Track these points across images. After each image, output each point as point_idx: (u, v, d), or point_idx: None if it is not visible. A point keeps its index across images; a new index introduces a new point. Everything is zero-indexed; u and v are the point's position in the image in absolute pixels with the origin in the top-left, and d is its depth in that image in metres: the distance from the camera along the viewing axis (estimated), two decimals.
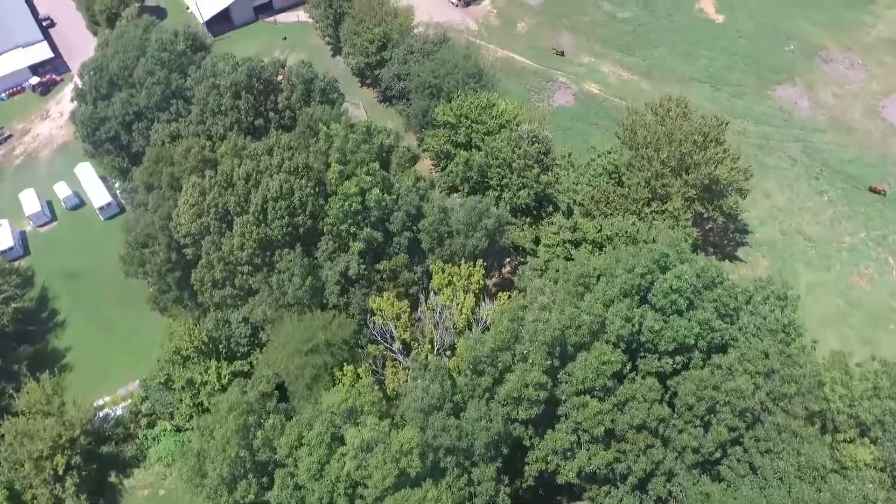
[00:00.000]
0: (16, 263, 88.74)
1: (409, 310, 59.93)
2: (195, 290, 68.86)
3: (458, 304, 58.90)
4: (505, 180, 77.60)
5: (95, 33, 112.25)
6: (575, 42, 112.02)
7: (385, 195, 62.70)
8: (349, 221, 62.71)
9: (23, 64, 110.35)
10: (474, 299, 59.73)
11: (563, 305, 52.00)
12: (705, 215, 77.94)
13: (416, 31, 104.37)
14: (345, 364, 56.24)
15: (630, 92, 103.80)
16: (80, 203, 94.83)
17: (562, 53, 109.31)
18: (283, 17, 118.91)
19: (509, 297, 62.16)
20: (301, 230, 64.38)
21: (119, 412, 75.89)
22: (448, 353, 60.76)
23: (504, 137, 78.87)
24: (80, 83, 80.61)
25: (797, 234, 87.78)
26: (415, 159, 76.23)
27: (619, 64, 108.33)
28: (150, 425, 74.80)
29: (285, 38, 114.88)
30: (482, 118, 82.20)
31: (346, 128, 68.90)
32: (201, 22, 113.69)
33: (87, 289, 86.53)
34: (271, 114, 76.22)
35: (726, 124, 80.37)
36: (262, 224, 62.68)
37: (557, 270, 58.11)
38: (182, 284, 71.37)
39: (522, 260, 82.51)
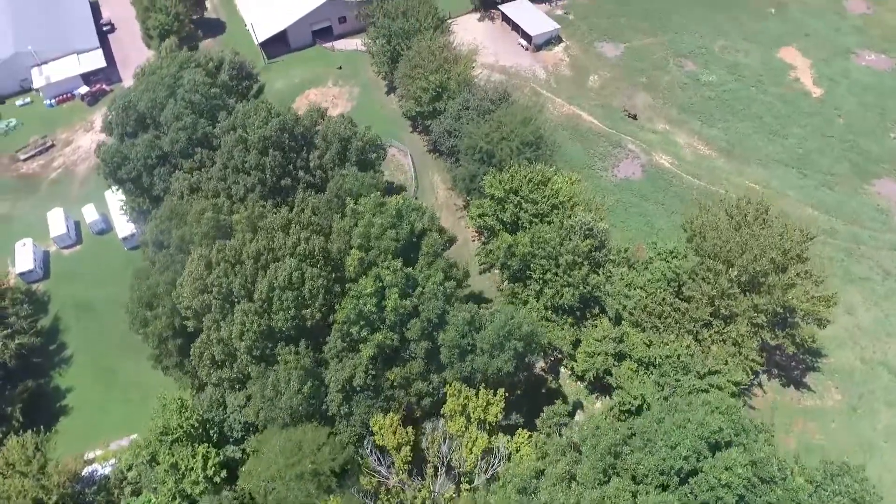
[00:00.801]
0: (34, 286, 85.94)
1: (411, 440, 52.57)
2: (194, 364, 63.44)
3: (468, 441, 51.24)
4: (549, 275, 69.33)
5: (150, 46, 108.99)
6: (651, 104, 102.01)
7: (405, 301, 55.36)
8: (361, 323, 55.76)
9: (76, 71, 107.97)
10: (487, 437, 51.87)
11: (586, 479, 43.72)
12: (774, 344, 67.75)
13: (477, 77, 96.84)
14: (331, 496, 49.47)
15: (705, 169, 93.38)
16: (106, 228, 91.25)
17: (634, 116, 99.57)
18: (341, 44, 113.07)
19: (530, 436, 53.99)
20: (309, 323, 57.82)
21: (107, 470, 71.43)
22: (451, 488, 53.25)
23: (555, 226, 70.58)
24: (109, 115, 76.29)
25: (881, 366, 76.11)
26: (450, 243, 68.64)
27: (696, 135, 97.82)
28: (136, 493, 69.94)
29: (340, 68, 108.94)
30: (533, 196, 74.05)
31: (374, 206, 61.93)
32: (256, 43, 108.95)
33: (98, 325, 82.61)
34: (301, 172, 69.97)
35: (811, 240, 69.83)
36: (267, 314, 56.37)
37: (586, 437, 49.29)
38: (183, 351, 66.14)
39: (560, 356, 74.41)
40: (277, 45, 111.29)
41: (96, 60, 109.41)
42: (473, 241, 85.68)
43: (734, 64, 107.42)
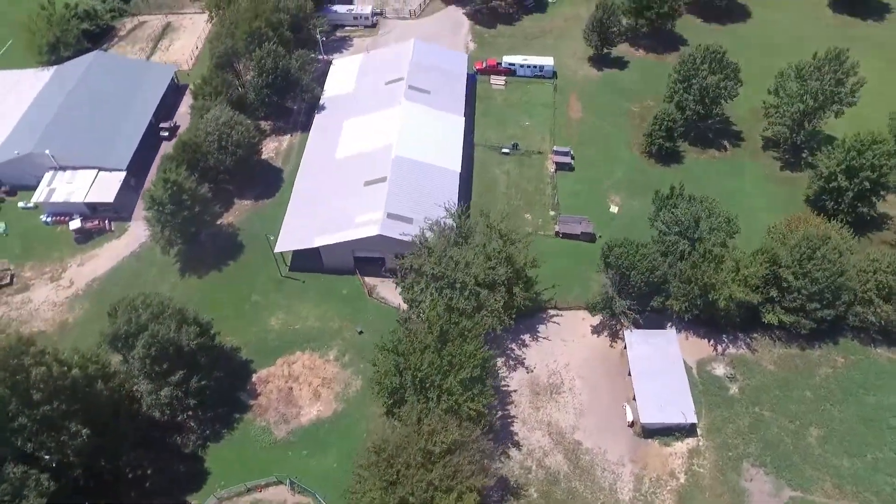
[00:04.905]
0: None
1: None
2: None
3: None
4: None
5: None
6: None
7: None
8: None
9: (80, 197, 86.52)
10: None
11: None
12: None
13: (519, 453, 59.79)
14: None
15: None
16: None
17: None
18: (385, 290, 79.63)
19: None
20: None
21: None
22: None
23: None
24: None
25: None
26: None
27: None
28: None
29: (361, 333, 75.81)
30: None
31: None
32: (273, 252, 79.49)
33: None
34: None
35: None
36: None
37: None
38: None
39: None
40: (312, 258, 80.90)
41: (108, 191, 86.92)
42: None
43: None
